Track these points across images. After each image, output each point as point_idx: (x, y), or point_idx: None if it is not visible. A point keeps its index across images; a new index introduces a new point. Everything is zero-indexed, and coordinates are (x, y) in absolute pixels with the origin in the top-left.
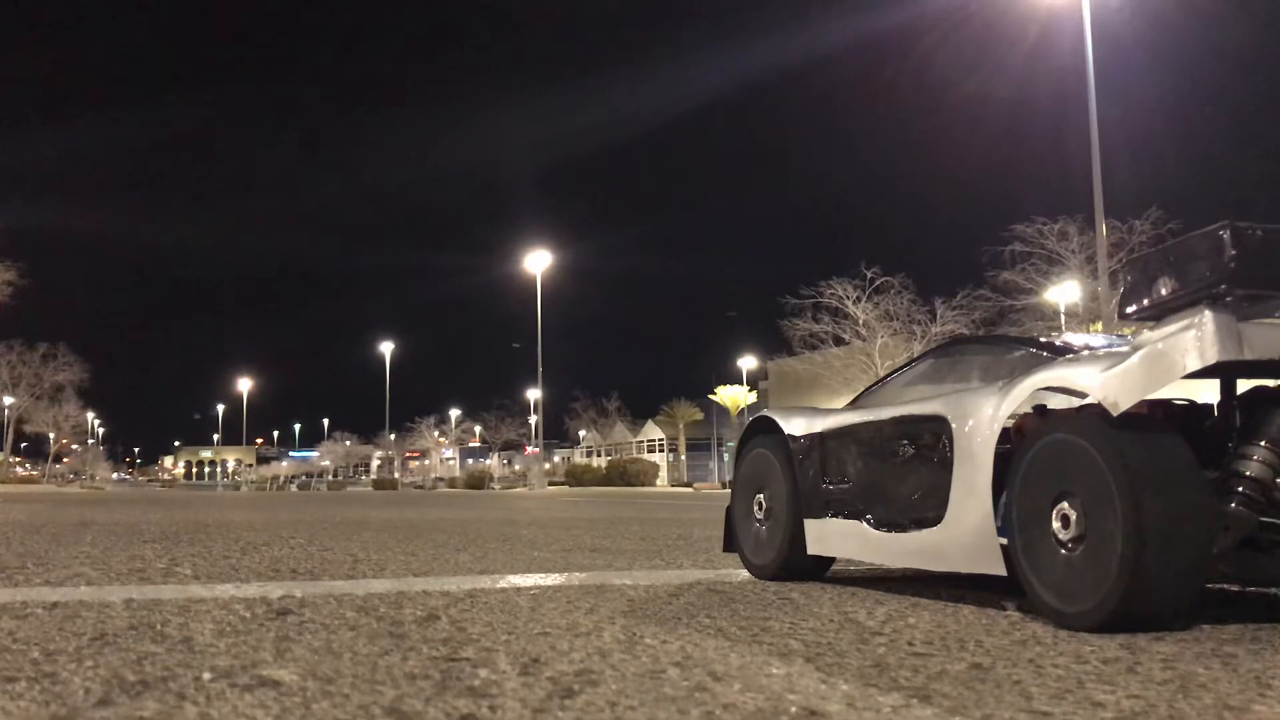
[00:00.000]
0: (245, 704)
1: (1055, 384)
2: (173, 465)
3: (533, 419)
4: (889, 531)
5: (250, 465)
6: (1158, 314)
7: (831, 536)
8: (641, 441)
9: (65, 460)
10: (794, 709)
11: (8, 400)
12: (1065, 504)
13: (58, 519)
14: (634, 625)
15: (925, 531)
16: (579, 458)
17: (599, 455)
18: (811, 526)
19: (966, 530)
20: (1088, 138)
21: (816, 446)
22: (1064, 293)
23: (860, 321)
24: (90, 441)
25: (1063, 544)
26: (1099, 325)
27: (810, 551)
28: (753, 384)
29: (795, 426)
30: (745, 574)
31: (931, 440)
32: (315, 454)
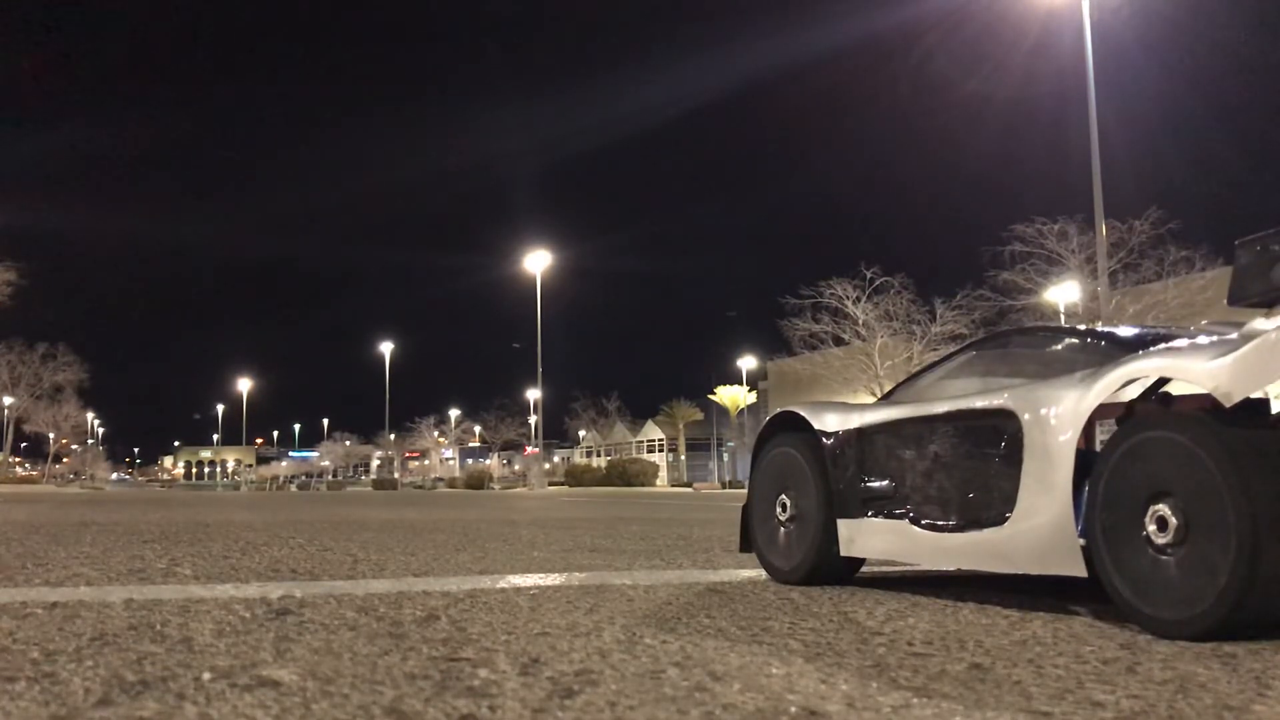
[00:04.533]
0: (245, 704)
1: (1156, 374)
2: (172, 465)
3: (533, 419)
4: (940, 531)
5: (250, 465)
6: (1276, 299)
7: (869, 537)
8: (641, 441)
9: (65, 460)
10: (794, 709)
11: (8, 400)
12: (1162, 503)
13: (57, 519)
14: (634, 625)
15: (986, 531)
16: (579, 458)
17: (599, 455)
18: (845, 527)
19: (1039, 529)
20: (1088, 138)
21: (853, 443)
22: (1064, 293)
23: (860, 321)
24: (90, 441)
25: (1159, 546)
26: (1098, 325)
27: (844, 553)
28: (753, 384)
29: (828, 423)
30: (745, 574)
31: (994, 435)
32: (315, 454)
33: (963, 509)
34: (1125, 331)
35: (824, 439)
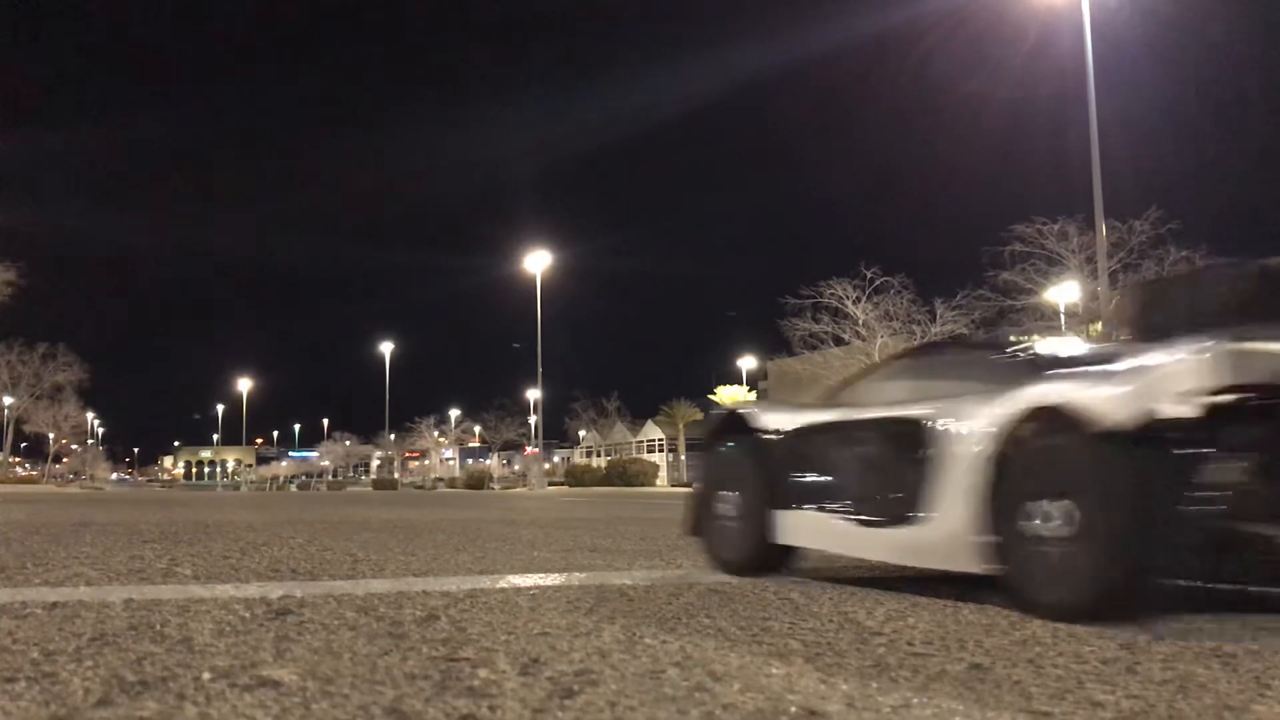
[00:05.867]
0: (245, 704)
1: (1053, 399)
2: (172, 465)
3: (533, 419)
4: (865, 526)
5: (250, 465)
6: (1156, 337)
7: (803, 529)
8: (641, 441)
9: (65, 460)
10: (794, 709)
11: (8, 400)
12: (1059, 502)
13: (57, 519)
14: (634, 625)
15: (904, 528)
16: (579, 458)
17: (599, 455)
18: (782, 519)
19: (949, 529)
20: (1088, 138)
21: (790, 442)
22: (1064, 293)
23: (860, 321)
24: (90, 441)
25: (1044, 541)
26: (1099, 325)
27: (779, 542)
28: (752, 384)
29: (767, 423)
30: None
31: (915, 441)
32: (315, 454)
33: (884, 507)
34: (1050, 349)
35: (763, 437)
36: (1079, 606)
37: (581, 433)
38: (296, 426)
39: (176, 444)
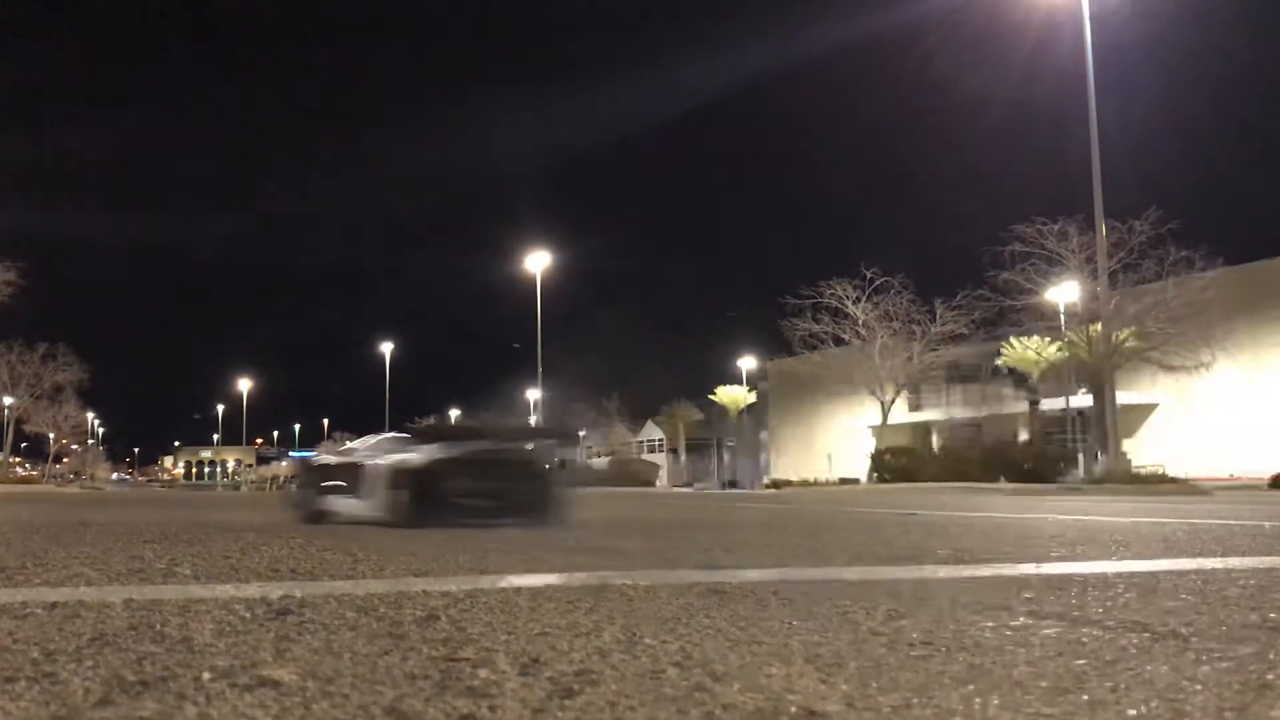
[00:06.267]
0: (245, 704)
1: (405, 456)
2: (172, 465)
3: (533, 419)
4: (350, 501)
5: (250, 465)
6: (519, 440)
7: (329, 503)
8: (641, 442)
9: (65, 460)
10: (794, 709)
11: (8, 400)
12: (399, 491)
13: (57, 519)
14: (634, 625)
15: (360, 501)
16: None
17: (598, 455)
18: (322, 499)
19: (375, 502)
20: (1088, 138)
21: (324, 467)
22: (1064, 293)
23: (860, 321)
24: (90, 441)
25: (401, 504)
26: (1099, 325)
27: (322, 509)
28: (753, 384)
29: (316, 459)
30: (745, 574)
31: (361, 470)
32: (315, 454)
33: (355, 493)
34: (427, 436)
35: (315, 465)
36: (410, 525)
37: (581, 433)
38: (297, 426)
39: (176, 444)
